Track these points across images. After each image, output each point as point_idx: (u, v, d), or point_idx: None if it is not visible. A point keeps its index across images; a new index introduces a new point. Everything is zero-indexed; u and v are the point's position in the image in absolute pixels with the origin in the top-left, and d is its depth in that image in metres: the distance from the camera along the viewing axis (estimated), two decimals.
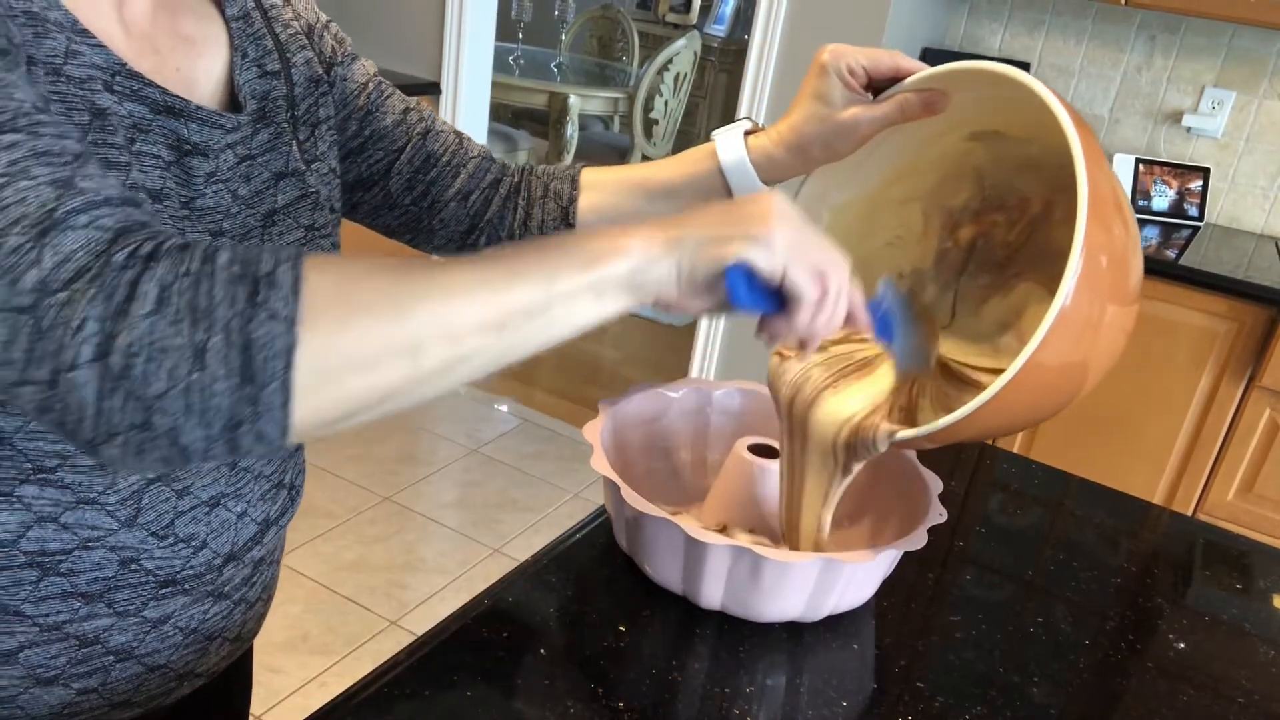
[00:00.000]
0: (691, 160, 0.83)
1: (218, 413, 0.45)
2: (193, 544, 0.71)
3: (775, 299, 0.61)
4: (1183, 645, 0.87)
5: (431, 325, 0.50)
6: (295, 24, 0.77)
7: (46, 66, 0.57)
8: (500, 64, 4.29)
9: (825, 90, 0.77)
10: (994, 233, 0.86)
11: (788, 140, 0.80)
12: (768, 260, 0.58)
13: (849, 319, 0.64)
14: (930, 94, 0.76)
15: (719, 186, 0.82)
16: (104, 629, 0.69)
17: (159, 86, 0.63)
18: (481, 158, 0.88)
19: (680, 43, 4.53)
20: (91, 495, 0.65)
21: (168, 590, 0.70)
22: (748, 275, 0.58)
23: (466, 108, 2.98)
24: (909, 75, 0.77)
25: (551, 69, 4.69)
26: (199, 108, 0.66)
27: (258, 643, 2.06)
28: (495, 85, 3.74)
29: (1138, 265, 0.70)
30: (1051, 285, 0.65)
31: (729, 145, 0.81)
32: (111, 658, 0.70)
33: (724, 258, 0.57)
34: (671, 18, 5.89)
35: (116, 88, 0.61)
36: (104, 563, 0.67)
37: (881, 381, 0.80)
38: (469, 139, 0.89)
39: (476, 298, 0.51)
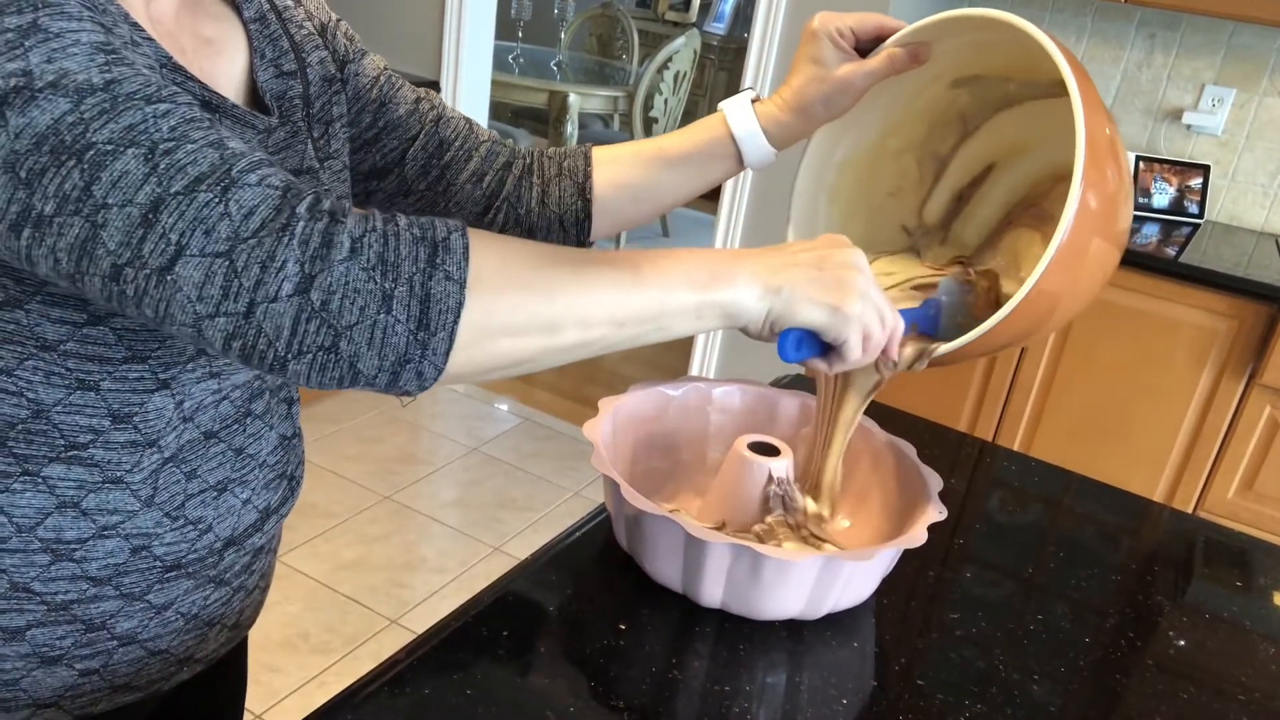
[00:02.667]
0: (703, 128, 0.88)
1: (393, 349, 0.53)
2: (200, 526, 0.73)
3: (822, 346, 0.68)
4: (1183, 643, 0.87)
5: (571, 311, 0.58)
6: (308, 24, 0.79)
7: (131, 52, 0.59)
8: (500, 62, 4.29)
9: (819, 54, 0.83)
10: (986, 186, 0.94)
11: (791, 104, 0.85)
12: (836, 330, 0.65)
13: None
14: (914, 46, 0.82)
15: (731, 153, 0.87)
16: (110, 614, 0.70)
17: (199, 82, 0.65)
18: (492, 141, 0.91)
19: (680, 41, 4.53)
20: (119, 474, 0.67)
21: (172, 574, 0.72)
22: (801, 334, 0.66)
23: (466, 106, 2.97)
24: (892, 33, 0.83)
25: (551, 67, 4.69)
26: (234, 105, 0.67)
27: (257, 641, 2.05)
28: (495, 84, 3.74)
29: (1127, 210, 0.75)
30: (1038, 225, 0.75)
31: (739, 114, 0.86)
32: (115, 642, 0.72)
33: (801, 320, 0.65)
34: (671, 16, 5.89)
35: (165, 80, 0.62)
36: (116, 550, 0.69)
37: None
38: (478, 124, 0.92)
39: (608, 296, 0.59)
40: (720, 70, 5.71)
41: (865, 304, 0.66)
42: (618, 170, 0.90)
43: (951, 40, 0.82)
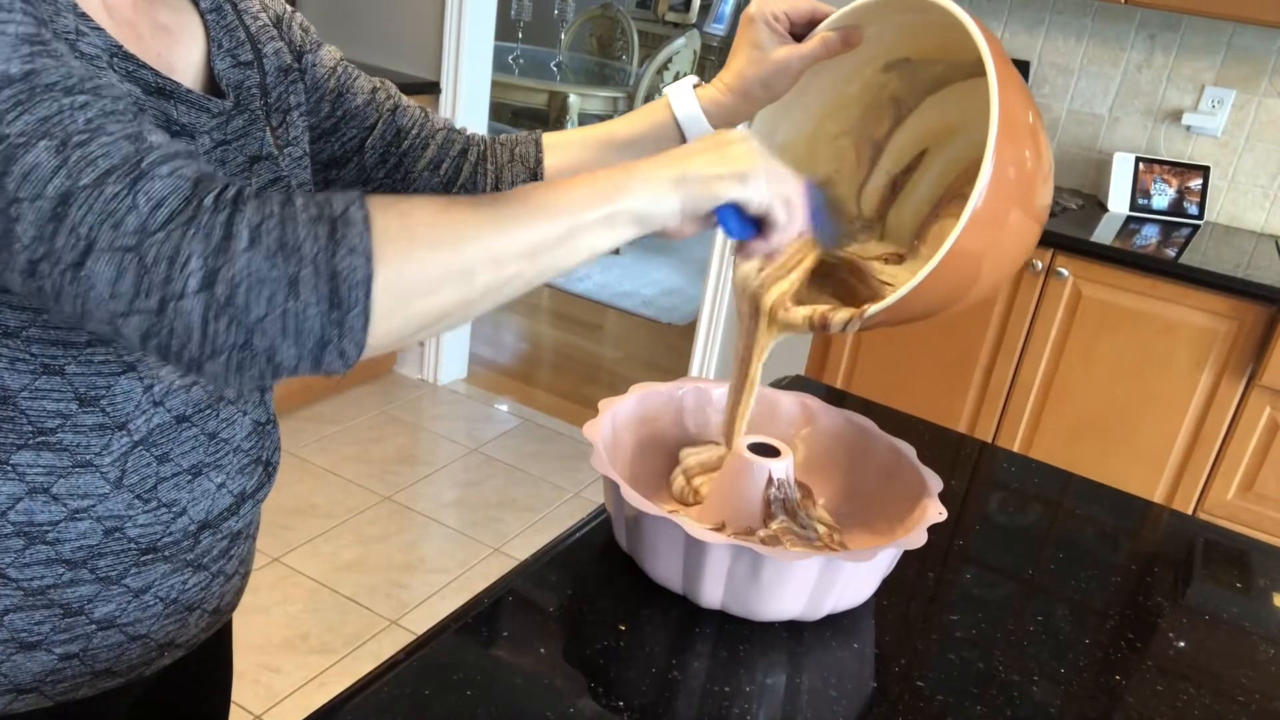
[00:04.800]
0: (649, 113, 0.92)
1: (310, 334, 0.52)
2: (174, 509, 0.73)
3: (755, 225, 0.71)
4: (1183, 644, 0.87)
5: (480, 254, 0.57)
6: (263, 15, 0.81)
7: (64, 43, 0.59)
8: (500, 63, 4.29)
9: (757, 38, 0.87)
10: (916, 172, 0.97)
11: (732, 86, 0.89)
12: (757, 197, 0.67)
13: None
14: (845, 30, 0.85)
15: (675, 136, 0.91)
16: (88, 598, 0.71)
17: (152, 69, 0.65)
18: (448, 129, 0.93)
19: (680, 41, 4.54)
20: (88, 458, 0.67)
21: (148, 558, 0.73)
22: (736, 209, 0.69)
23: (466, 107, 2.97)
24: (824, 17, 0.87)
25: (551, 68, 4.69)
26: (189, 91, 0.68)
27: (257, 642, 2.05)
28: (495, 84, 3.74)
29: (1046, 190, 0.78)
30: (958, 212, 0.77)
31: (682, 99, 0.90)
32: (94, 626, 0.72)
33: (719, 197, 0.66)
34: (671, 17, 5.89)
35: (115, 68, 0.63)
36: (89, 532, 0.69)
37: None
38: (433, 113, 0.94)
39: (513, 230, 0.59)
40: (720, 70, 5.71)
41: (770, 166, 0.68)
42: (568, 155, 0.93)
43: (882, 23, 0.85)
